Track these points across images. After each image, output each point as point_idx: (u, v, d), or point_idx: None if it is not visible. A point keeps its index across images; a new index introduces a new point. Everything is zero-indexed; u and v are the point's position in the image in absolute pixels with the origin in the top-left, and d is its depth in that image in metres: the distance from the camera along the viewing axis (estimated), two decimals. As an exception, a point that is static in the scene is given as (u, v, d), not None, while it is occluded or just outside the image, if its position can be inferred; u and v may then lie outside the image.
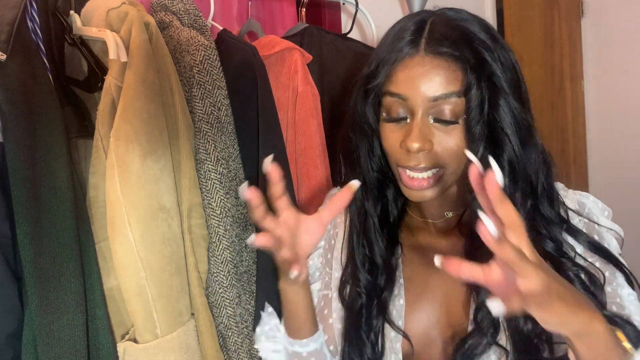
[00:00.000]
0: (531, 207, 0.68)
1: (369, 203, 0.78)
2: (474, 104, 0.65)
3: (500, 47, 0.68)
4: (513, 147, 0.66)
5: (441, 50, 0.66)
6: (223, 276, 0.84)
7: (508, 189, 0.66)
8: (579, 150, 2.25)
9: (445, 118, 0.66)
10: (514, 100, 0.66)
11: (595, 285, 0.67)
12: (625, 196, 2.07)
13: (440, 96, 0.65)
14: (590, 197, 0.75)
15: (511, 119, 0.66)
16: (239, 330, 0.86)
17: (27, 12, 0.77)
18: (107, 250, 0.77)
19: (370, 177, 0.78)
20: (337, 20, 1.41)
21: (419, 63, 0.67)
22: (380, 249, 0.77)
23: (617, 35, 2.12)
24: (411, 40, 0.68)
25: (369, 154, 0.77)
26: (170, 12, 0.91)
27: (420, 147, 0.66)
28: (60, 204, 0.71)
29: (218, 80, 0.86)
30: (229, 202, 0.85)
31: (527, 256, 0.48)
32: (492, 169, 0.49)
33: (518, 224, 0.49)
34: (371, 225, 0.78)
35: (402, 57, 0.68)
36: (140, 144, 0.75)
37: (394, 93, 0.68)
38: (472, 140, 0.66)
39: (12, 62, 0.69)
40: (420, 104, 0.66)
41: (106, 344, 0.75)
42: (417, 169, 0.68)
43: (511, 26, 1.95)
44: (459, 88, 0.65)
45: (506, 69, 0.67)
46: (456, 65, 0.65)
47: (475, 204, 0.57)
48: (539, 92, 2.08)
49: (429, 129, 0.67)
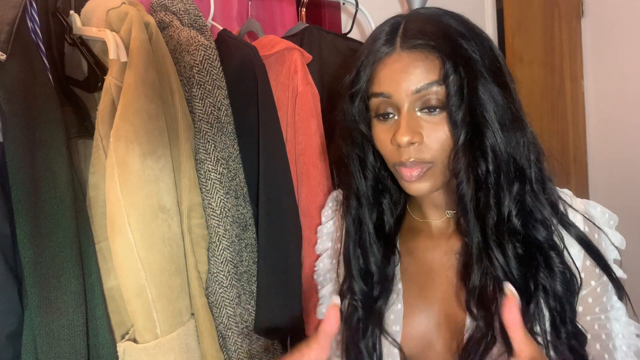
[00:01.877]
0: (522, 191, 0.68)
1: (364, 212, 0.78)
2: (452, 90, 0.65)
3: (476, 35, 0.68)
4: (494, 132, 0.65)
5: (416, 43, 0.67)
6: (223, 276, 0.84)
7: (492, 175, 0.66)
8: (579, 150, 2.25)
9: (430, 105, 0.67)
10: (493, 85, 0.66)
11: (573, 286, 0.68)
12: (625, 196, 2.07)
13: (422, 87, 0.66)
14: (598, 207, 0.75)
15: (491, 103, 0.66)
16: (239, 330, 0.86)
17: (27, 12, 0.77)
18: (107, 250, 0.77)
19: (364, 185, 0.77)
20: (337, 20, 1.41)
21: (397, 60, 0.68)
22: (376, 258, 0.77)
23: (617, 35, 2.12)
24: (387, 40, 0.69)
25: (362, 162, 0.77)
26: (170, 12, 0.91)
27: (410, 140, 0.66)
28: (60, 203, 0.71)
29: (218, 80, 0.86)
30: (229, 202, 0.85)
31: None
32: (510, 295, 0.52)
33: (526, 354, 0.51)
34: (366, 235, 0.77)
35: (380, 57, 0.69)
36: (140, 143, 0.75)
37: (378, 93, 0.69)
38: (455, 127, 0.66)
39: (12, 62, 0.69)
40: (405, 98, 0.67)
41: (106, 344, 0.75)
42: (410, 164, 0.68)
43: (511, 26, 1.95)
44: (439, 76, 0.66)
45: (484, 54, 0.67)
46: (433, 54, 0.66)
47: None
48: (539, 92, 2.08)
49: (417, 122, 0.68)
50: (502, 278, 0.66)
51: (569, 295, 0.67)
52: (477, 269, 0.68)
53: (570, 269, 0.68)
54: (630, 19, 2.06)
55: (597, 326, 0.71)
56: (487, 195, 0.66)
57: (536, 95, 2.07)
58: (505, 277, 0.66)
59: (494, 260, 0.66)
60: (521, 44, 2.00)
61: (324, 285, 0.89)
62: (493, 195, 0.66)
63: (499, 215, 0.66)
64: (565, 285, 0.67)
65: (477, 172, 0.66)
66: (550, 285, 0.66)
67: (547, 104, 2.12)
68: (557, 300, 0.66)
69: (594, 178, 2.26)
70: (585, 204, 0.75)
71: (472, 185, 0.67)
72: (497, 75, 0.68)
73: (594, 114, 2.25)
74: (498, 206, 0.66)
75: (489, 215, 0.67)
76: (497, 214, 0.66)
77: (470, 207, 0.68)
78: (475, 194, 0.68)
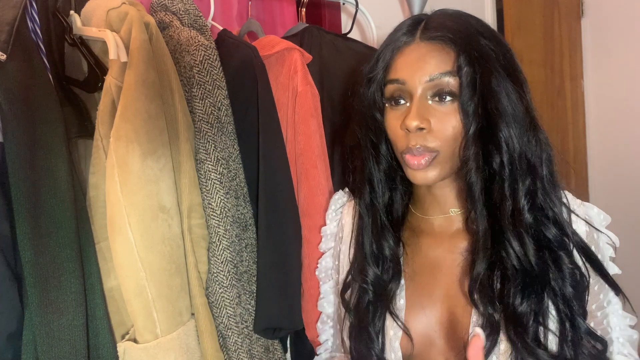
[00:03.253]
0: (533, 186, 0.69)
1: (377, 196, 0.80)
2: (465, 81, 0.67)
3: (495, 37, 0.71)
4: (507, 124, 0.67)
5: (435, 35, 0.70)
6: (223, 276, 0.84)
7: (507, 167, 0.67)
8: (579, 150, 2.25)
9: (442, 94, 0.69)
10: (507, 81, 0.68)
11: (582, 286, 0.69)
12: (625, 196, 2.07)
13: (436, 76, 0.68)
14: (595, 208, 0.77)
15: (505, 97, 0.67)
16: (239, 330, 0.86)
17: (27, 12, 0.77)
18: (107, 250, 0.77)
19: (377, 173, 0.80)
20: (337, 20, 1.41)
21: (415, 49, 0.71)
22: (389, 244, 0.78)
23: (617, 35, 2.12)
24: (408, 31, 0.73)
25: (375, 148, 0.79)
26: (170, 12, 0.91)
27: (418, 125, 0.68)
28: (60, 203, 0.71)
29: (218, 80, 0.86)
30: (229, 202, 0.85)
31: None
32: (478, 336, 0.53)
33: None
34: (379, 219, 0.79)
35: (399, 45, 0.73)
36: (140, 144, 0.75)
37: (393, 79, 0.72)
38: (466, 117, 0.68)
39: (12, 62, 0.69)
40: (418, 85, 0.69)
41: (106, 344, 0.75)
42: (416, 150, 0.70)
43: (511, 26, 1.95)
44: (452, 67, 0.68)
45: (500, 52, 0.69)
46: (450, 47, 0.69)
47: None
48: (539, 92, 2.08)
49: (427, 109, 0.69)
50: (517, 267, 0.67)
51: (578, 295, 0.68)
52: (482, 256, 0.69)
53: (580, 269, 0.69)
54: (630, 19, 2.06)
55: (593, 323, 0.72)
56: (502, 187, 0.68)
57: (536, 95, 2.06)
58: (520, 266, 0.66)
59: (510, 249, 0.67)
60: (521, 44, 2.00)
61: (326, 282, 0.90)
62: (509, 185, 0.67)
63: (514, 205, 0.67)
64: (574, 285, 0.67)
65: (491, 164, 0.68)
66: (559, 287, 0.67)
67: (547, 103, 2.12)
68: (566, 302, 0.67)
69: (594, 178, 2.26)
70: (583, 205, 0.76)
71: (481, 175, 0.69)
72: (512, 73, 0.69)
73: (593, 113, 2.25)
74: (514, 196, 0.68)
75: (505, 205, 0.67)
76: (514, 204, 0.68)
77: (479, 196, 0.69)
78: (486, 186, 0.69)
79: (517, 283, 0.66)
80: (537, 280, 0.66)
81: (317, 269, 0.91)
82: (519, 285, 0.66)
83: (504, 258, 0.67)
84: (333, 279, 0.88)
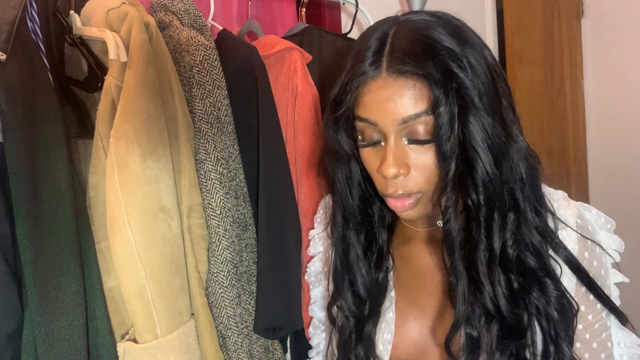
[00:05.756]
0: (516, 220, 0.65)
1: (351, 232, 0.75)
2: (442, 121, 0.61)
3: (469, 48, 0.63)
4: (485, 166, 0.62)
5: (404, 69, 0.62)
6: (223, 276, 0.84)
7: (483, 207, 0.63)
8: (579, 150, 2.25)
9: (419, 138, 0.63)
10: (485, 115, 0.62)
11: (568, 314, 0.66)
12: (625, 195, 2.07)
13: (410, 117, 0.62)
14: (593, 210, 0.72)
15: (482, 134, 0.62)
16: (239, 330, 0.86)
17: (27, 12, 0.77)
18: (107, 250, 0.77)
19: (350, 204, 0.74)
20: (337, 20, 1.41)
21: (382, 86, 0.63)
22: (364, 280, 0.75)
23: (617, 35, 2.12)
24: (373, 61, 0.64)
25: (348, 181, 0.74)
26: (170, 12, 0.91)
27: (396, 173, 0.63)
28: (60, 203, 0.71)
29: (218, 80, 0.86)
30: (229, 202, 0.85)
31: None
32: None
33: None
34: (354, 256, 0.75)
35: (365, 80, 0.64)
36: (140, 144, 0.75)
37: (363, 118, 0.66)
38: (444, 159, 0.62)
39: (12, 62, 0.69)
40: (391, 127, 0.63)
41: (106, 344, 0.75)
42: (397, 196, 0.66)
43: (511, 26, 1.95)
44: (427, 106, 0.61)
45: (477, 74, 0.63)
46: (422, 82, 0.61)
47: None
48: (539, 92, 2.08)
49: (404, 152, 0.64)
50: (490, 308, 0.64)
51: (565, 322, 0.65)
52: (461, 308, 0.65)
53: (567, 297, 0.66)
54: (630, 19, 2.06)
55: (588, 355, 0.69)
56: (479, 229, 0.64)
57: (536, 95, 2.07)
58: (494, 308, 0.64)
59: (485, 293, 0.64)
60: (521, 44, 2.00)
61: (316, 286, 0.89)
62: (484, 228, 0.64)
63: (490, 249, 0.64)
64: (560, 311, 0.65)
65: (467, 203, 0.64)
66: (544, 308, 0.64)
67: (547, 103, 2.12)
68: (551, 324, 0.64)
69: (594, 178, 2.26)
70: (579, 207, 0.71)
71: (460, 223, 0.65)
72: (490, 96, 0.64)
73: (593, 113, 2.25)
74: (489, 239, 0.64)
75: (480, 250, 0.64)
76: (489, 249, 0.64)
77: (457, 246, 0.65)
78: (464, 227, 0.66)
79: (496, 329, 0.64)
80: (512, 325, 0.64)
81: (306, 273, 0.90)
82: (499, 332, 0.64)
83: (483, 303, 0.65)
84: (322, 285, 0.86)
